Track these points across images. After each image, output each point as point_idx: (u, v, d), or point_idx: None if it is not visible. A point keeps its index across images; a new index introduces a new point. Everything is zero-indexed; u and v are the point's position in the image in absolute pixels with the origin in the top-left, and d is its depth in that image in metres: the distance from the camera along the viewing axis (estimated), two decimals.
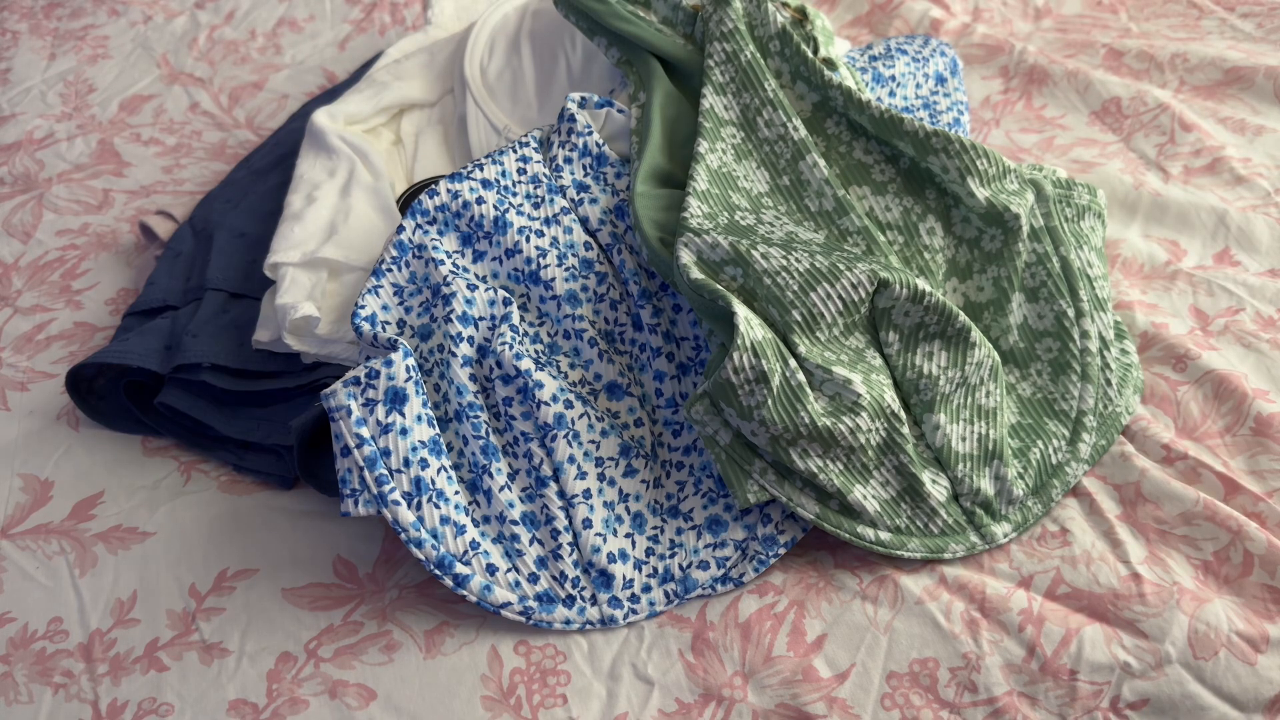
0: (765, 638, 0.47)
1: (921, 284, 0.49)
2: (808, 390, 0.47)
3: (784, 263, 0.48)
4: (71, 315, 0.67)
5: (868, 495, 0.48)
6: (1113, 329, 0.54)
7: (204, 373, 0.56)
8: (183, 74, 0.89)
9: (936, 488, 0.49)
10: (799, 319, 0.48)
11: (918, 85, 0.68)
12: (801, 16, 0.62)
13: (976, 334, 0.50)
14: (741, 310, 0.47)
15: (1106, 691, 0.44)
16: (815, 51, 0.61)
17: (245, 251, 0.64)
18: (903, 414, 0.49)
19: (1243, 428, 0.51)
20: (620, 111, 0.60)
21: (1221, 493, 0.49)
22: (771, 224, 0.53)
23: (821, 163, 0.55)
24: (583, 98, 0.59)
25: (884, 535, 0.48)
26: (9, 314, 0.68)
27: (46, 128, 0.84)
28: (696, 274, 0.49)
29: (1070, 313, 0.52)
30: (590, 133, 0.58)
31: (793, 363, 0.47)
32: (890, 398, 0.48)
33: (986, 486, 0.49)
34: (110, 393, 0.59)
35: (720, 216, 0.53)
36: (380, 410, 0.47)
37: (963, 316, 0.50)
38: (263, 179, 0.71)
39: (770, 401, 0.46)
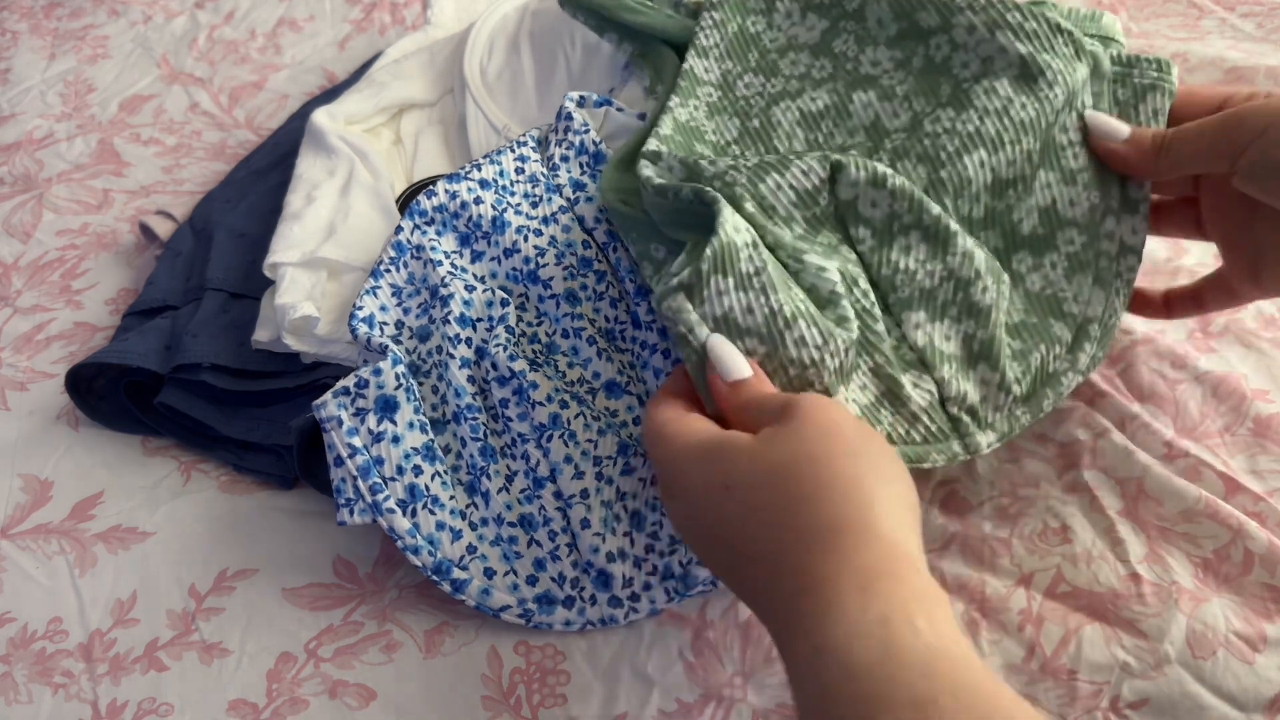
0: (766, 638, 0.47)
1: (883, 168, 0.45)
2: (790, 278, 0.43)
3: (732, 163, 0.46)
4: (71, 315, 0.67)
5: (848, 399, 0.44)
6: (1138, 233, 0.49)
7: (204, 373, 0.56)
8: (183, 74, 0.89)
9: (918, 391, 0.45)
10: (752, 210, 0.45)
11: None
12: None
13: (955, 226, 0.46)
14: (719, 196, 0.43)
15: (1106, 691, 0.44)
16: None
17: (245, 251, 0.64)
18: (877, 311, 0.45)
19: (1241, 428, 0.51)
20: (619, 110, 0.60)
21: (1222, 491, 0.49)
22: (731, 159, 0.50)
23: (795, 108, 0.52)
24: (581, 96, 0.59)
25: None
26: (9, 314, 0.68)
27: (46, 128, 0.84)
28: (660, 180, 0.47)
29: (1101, 207, 0.48)
30: (587, 131, 0.58)
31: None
32: (860, 293, 0.45)
33: (972, 391, 0.46)
34: (110, 393, 0.59)
35: (679, 153, 0.51)
36: (371, 419, 0.47)
37: (935, 209, 0.46)
38: (263, 179, 0.71)
39: (770, 266, 0.42)
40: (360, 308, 0.51)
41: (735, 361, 0.39)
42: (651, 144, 0.51)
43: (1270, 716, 0.43)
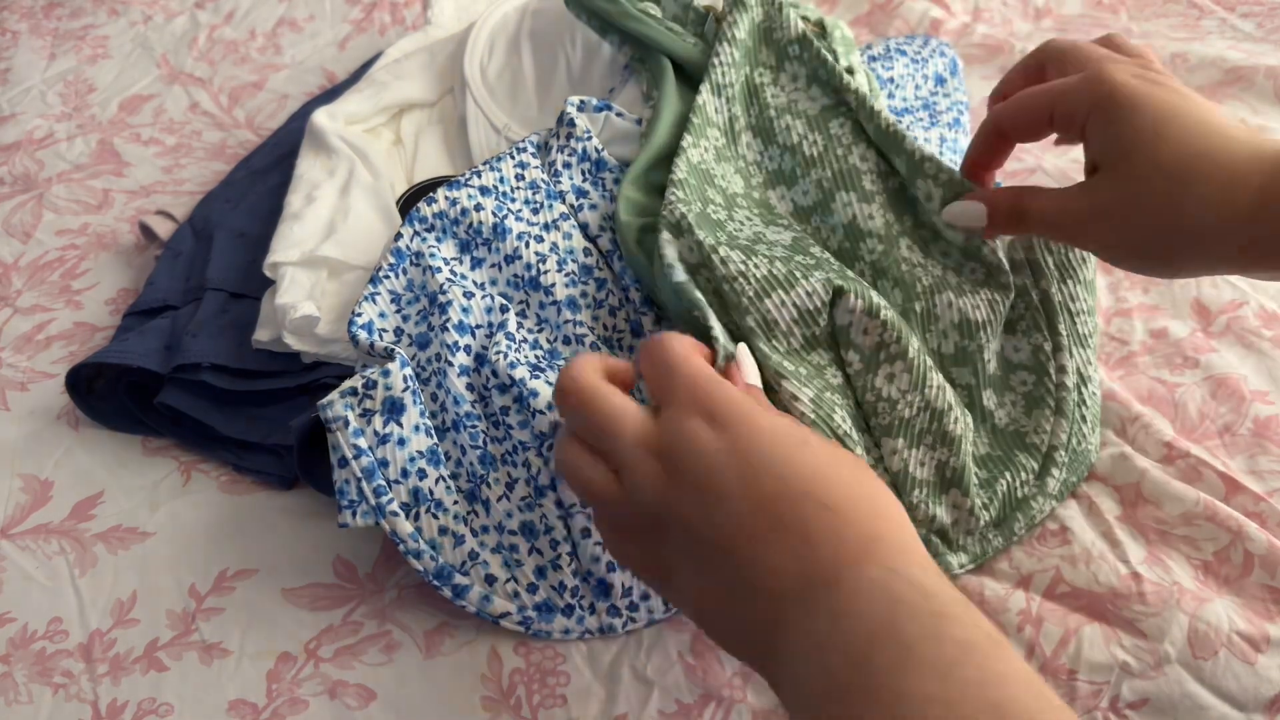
0: None
1: (877, 299, 0.48)
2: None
3: (742, 268, 0.48)
4: (71, 315, 0.67)
5: None
6: (1091, 365, 0.52)
7: (204, 373, 0.56)
8: (183, 74, 0.89)
9: None
10: (753, 324, 0.47)
11: (917, 86, 0.68)
12: (820, 30, 0.62)
13: (930, 361, 0.49)
14: (717, 324, 0.46)
15: (1106, 691, 0.44)
16: (835, 61, 0.60)
17: (245, 251, 0.64)
18: (855, 435, 0.47)
19: (1241, 428, 0.52)
20: (619, 115, 0.60)
21: (1222, 492, 0.49)
22: (741, 223, 0.53)
23: (790, 199, 0.55)
24: (581, 101, 0.59)
25: None
26: (9, 314, 0.68)
27: (46, 128, 0.84)
28: (681, 277, 0.49)
29: (1047, 347, 0.51)
30: (589, 137, 0.58)
31: None
32: (840, 418, 0.47)
33: (943, 515, 0.48)
34: (110, 393, 0.59)
35: (694, 205, 0.53)
36: (378, 421, 0.47)
37: (917, 343, 0.49)
38: (263, 179, 0.71)
39: None
40: (359, 314, 0.51)
41: (754, 371, 0.43)
42: (669, 202, 0.52)
43: (1270, 717, 0.43)
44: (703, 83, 0.58)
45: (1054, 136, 0.47)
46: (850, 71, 0.60)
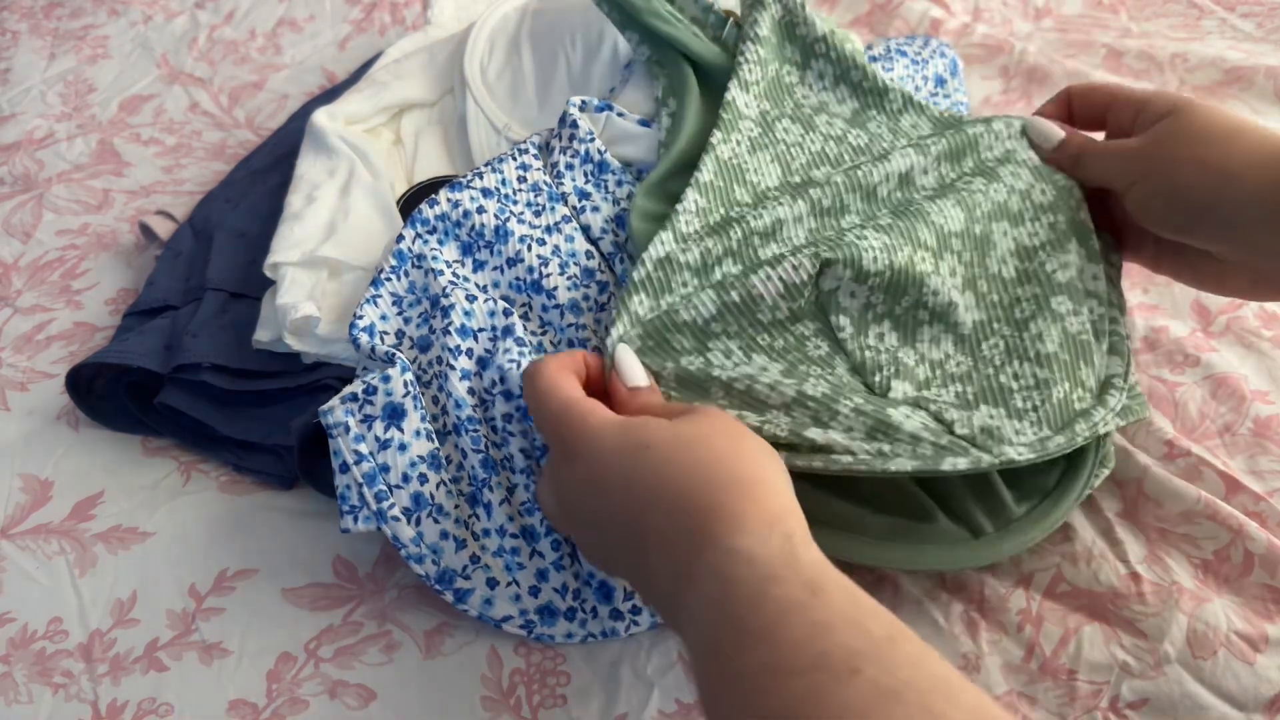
0: None
1: (867, 261, 0.47)
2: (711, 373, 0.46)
3: (732, 259, 0.50)
4: (71, 315, 0.67)
5: (831, 436, 0.44)
6: (1130, 338, 0.52)
7: (204, 373, 0.56)
8: (183, 74, 0.89)
9: (911, 421, 0.45)
10: (736, 299, 0.47)
11: (917, 87, 0.68)
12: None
13: (924, 315, 0.49)
14: (614, 330, 0.47)
15: (1106, 691, 0.44)
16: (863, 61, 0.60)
17: (245, 251, 0.64)
18: (836, 394, 0.45)
19: (1241, 428, 0.52)
20: (620, 115, 0.59)
21: (1223, 491, 0.49)
22: (761, 212, 0.52)
23: (840, 178, 0.53)
24: (583, 101, 0.59)
25: (865, 456, 0.43)
26: (9, 314, 0.68)
27: (46, 128, 0.84)
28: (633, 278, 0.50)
29: (1108, 297, 0.51)
30: (592, 139, 0.58)
31: (685, 358, 0.47)
32: (814, 383, 0.45)
33: (978, 418, 0.46)
34: (110, 393, 0.59)
35: (714, 214, 0.52)
36: (378, 426, 0.47)
37: (908, 301, 0.48)
38: (263, 179, 0.71)
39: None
40: (361, 317, 0.51)
41: (636, 370, 0.45)
42: (682, 221, 0.52)
43: (1270, 716, 0.43)
44: (731, 80, 0.57)
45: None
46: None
